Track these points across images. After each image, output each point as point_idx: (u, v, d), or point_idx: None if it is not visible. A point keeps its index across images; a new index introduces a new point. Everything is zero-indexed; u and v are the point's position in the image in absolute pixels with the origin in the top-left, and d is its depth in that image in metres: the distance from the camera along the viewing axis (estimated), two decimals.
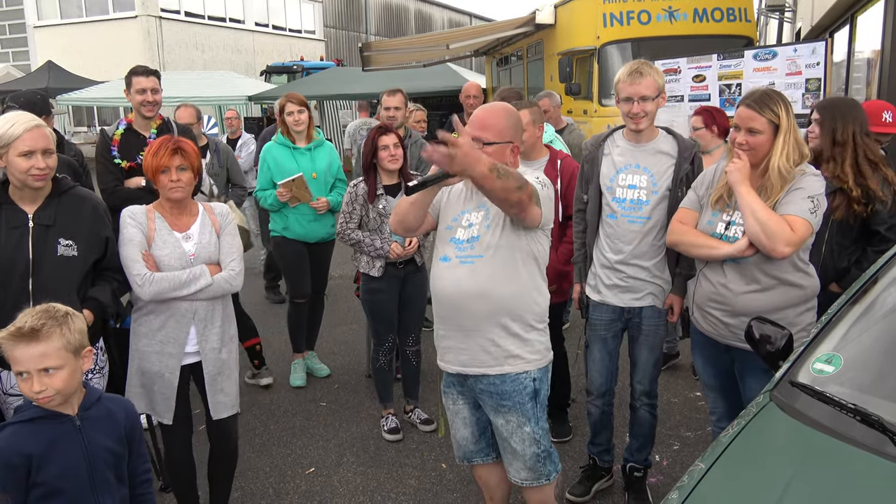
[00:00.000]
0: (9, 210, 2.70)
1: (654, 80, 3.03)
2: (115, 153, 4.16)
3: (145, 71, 4.21)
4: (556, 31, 11.20)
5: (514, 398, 2.59)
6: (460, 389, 2.75)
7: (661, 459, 3.86)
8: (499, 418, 2.64)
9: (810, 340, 2.22)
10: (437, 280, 2.63)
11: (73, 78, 20.93)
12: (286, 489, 3.67)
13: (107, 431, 2.14)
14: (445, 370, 2.73)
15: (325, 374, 5.11)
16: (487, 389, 2.62)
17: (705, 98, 7.23)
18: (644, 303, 3.20)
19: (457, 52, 15.58)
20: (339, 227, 4.08)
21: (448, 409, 2.83)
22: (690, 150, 3.13)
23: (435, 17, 41.18)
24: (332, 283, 7.63)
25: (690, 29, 9.75)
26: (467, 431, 2.81)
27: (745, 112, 2.64)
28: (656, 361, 3.31)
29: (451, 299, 2.58)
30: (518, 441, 2.63)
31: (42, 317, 1.99)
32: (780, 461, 1.86)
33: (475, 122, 2.55)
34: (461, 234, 2.59)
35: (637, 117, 3.05)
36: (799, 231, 2.54)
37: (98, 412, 2.14)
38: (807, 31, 12.88)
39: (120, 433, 2.18)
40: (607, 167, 3.21)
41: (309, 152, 4.74)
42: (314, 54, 29.16)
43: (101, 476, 2.11)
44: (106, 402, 2.21)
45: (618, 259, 3.17)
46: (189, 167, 2.90)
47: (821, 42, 6.59)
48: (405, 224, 2.68)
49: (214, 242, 3.01)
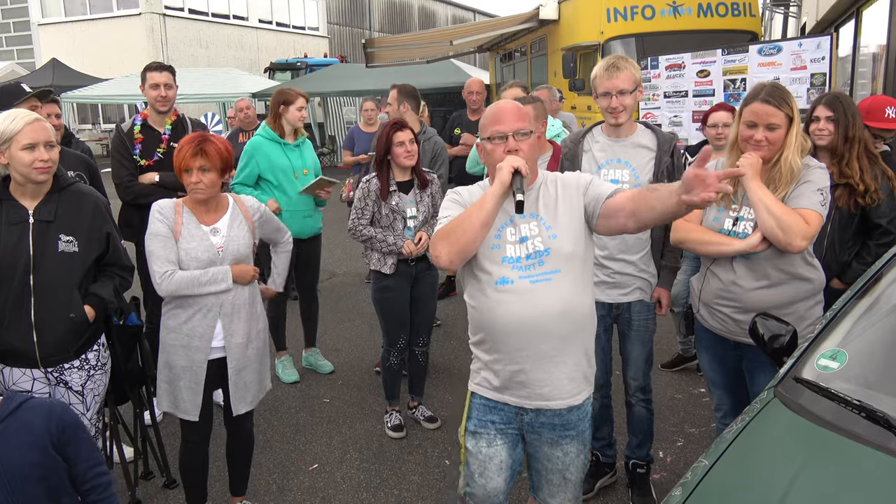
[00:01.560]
0: (9, 206, 2.70)
1: (631, 74, 3.03)
2: (137, 152, 4.18)
3: (159, 66, 4.26)
4: (560, 26, 11.17)
5: (578, 426, 2.35)
6: (502, 428, 2.35)
7: (665, 456, 3.84)
8: (556, 451, 2.36)
9: (815, 336, 2.21)
10: (500, 307, 2.22)
11: (77, 75, 21.01)
12: (289, 485, 3.67)
13: (22, 444, 1.95)
14: (518, 405, 2.32)
15: (329, 370, 5.11)
16: (550, 422, 2.32)
17: (710, 93, 7.20)
18: (632, 297, 3.21)
19: (460, 48, 15.57)
20: (350, 223, 4.03)
21: (478, 454, 2.36)
22: (670, 143, 3.14)
23: (438, 13, 41.12)
24: (336, 279, 7.65)
25: (695, 24, 9.73)
26: (501, 479, 2.36)
27: (764, 108, 2.59)
28: (648, 356, 3.31)
29: (528, 325, 2.20)
30: (574, 471, 2.40)
31: None
32: (784, 458, 1.84)
33: (506, 118, 2.25)
34: (513, 250, 2.25)
35: (616, 111, 3.05)
36: (813, 224, 2.53)
37: (9, 425, 1.96)
38: (812, 25, 12.82)
39: (43, 443, 1.98)
40: (588, 163, 3.20)
41: (297, 148, 4.74)
42: (318, 51, 29.16)
43: (21, 495, 1.92)
44: (24, 412, 2.01)
45: (603, 255, 3.17)
46: (212, 168, 2.86)
47: (826, 36, 6.55)
48: (468, 253, 2.19)
49: (244, 236, 3.00)
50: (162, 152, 4.19)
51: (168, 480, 3.63)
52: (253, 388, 3.11)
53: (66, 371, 2.79)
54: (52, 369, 2.76)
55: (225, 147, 2.92)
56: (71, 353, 2.79)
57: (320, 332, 5.40)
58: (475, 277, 2.30)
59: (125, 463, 3.46)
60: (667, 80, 7.65)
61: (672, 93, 7.60)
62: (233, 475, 3.36)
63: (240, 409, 3.08)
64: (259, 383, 3.14)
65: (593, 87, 3.13)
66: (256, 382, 3.12)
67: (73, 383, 2.81)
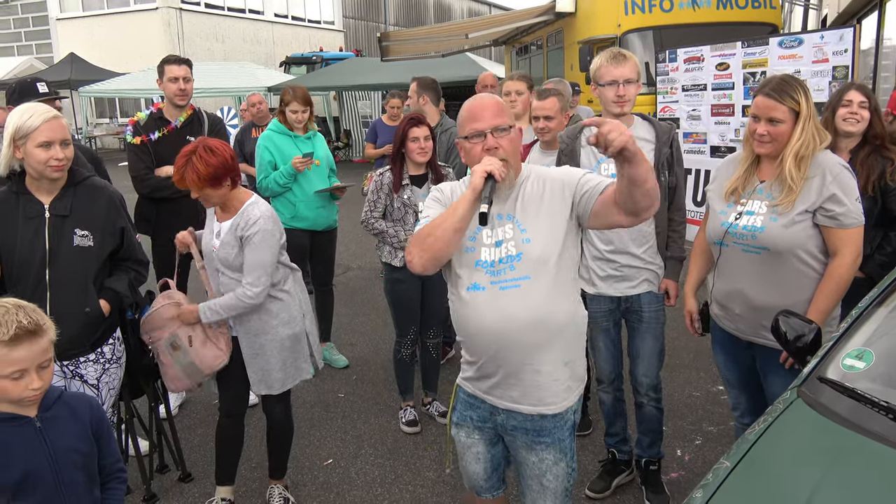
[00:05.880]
0: (26, 201, 2.70)
1: (635, 65, 3.03)
2: (129, 131, 4.24)
3: (177, 60, 4.30)
4: (577, 19, 11.08)
5: (555, 434, 2.25)
6: (479, 424, 2.35)
7: (683, 454, 3.80)
8: (531, 456, 2.29)
9: (840, 335, 2.16)
10: (469, 311, 2.16)
11: (94, 70, 21.17)
12: (304, 480, 3.66)
13: (71, 431, 2.01)
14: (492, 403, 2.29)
15: (344, 364, 5.10)
16: (523, 426, 2.26)
17: (729, 87, 7.09)
18: (640, 290, 3.18)
19: (476, 41, 15.50)
20: (363, 216, 4.04)
21: (459, 442, 2.43)
22: (668, 134, 3.11)
23: (454, 6, 40.98)
24: (350, 273, 7.64)
25: (714, 16, 9.61)
26: (479, 467, 2.42)
27: (765, 101, 2.55)
28: (660, 351, 3.26)
29: (495, 333, 2.13)
30: (552, 478, 2.30)
31: (31, 313, 1.89)
32: (808, 459, 1.80)
33: (483, 115, 2.16)
34: (487, 254, 2.16)
35: (622, 100, 3.01)
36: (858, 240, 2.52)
37: (59, 412, 2.00)
38: (833, 17, 12.62)
39: (86, 431, 2.05)
40: (587, 158, 3.16)
41: (309, 140, 4.82)
42: (333, 45, 29.17)
43: (68, 479, 1.98)
44: (67, 399, 2.07)
45: (608, 249, 3.14)
46: (199, 188, 2.90)
47: (849, 28, 6.43)
48: (443, 259, 2.13)
49: (233, 245, 3.01)
50: (161, 135, 4.21)
51: (183, 474, 3.64)
52: (275, 374, 3.17)
53: (81, 364, 2.80)
54: (68, 363, 2.77)
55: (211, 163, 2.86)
56: (87, 347, 2.80)
57: (335, 327, 5.39)
58: (451, 278, 2.25)
59: (140, 456, 3.46)
60: (685, 73, 7.54)
61: (690, 86, 7.50)
62: (269, 459, 3.44)
63: (259, 389, 3.19)
64: (282, 371, 3.18)
65: (595, 79, 3.09)
66: (279, 370, 3.17)
67: (89, 377, 2.82)
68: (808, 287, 2.57)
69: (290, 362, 3.20)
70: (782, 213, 2.53)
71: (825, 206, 2.48)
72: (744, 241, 2.62)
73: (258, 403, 4.24)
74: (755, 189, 2.64)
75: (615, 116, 3.08)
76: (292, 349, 3.20)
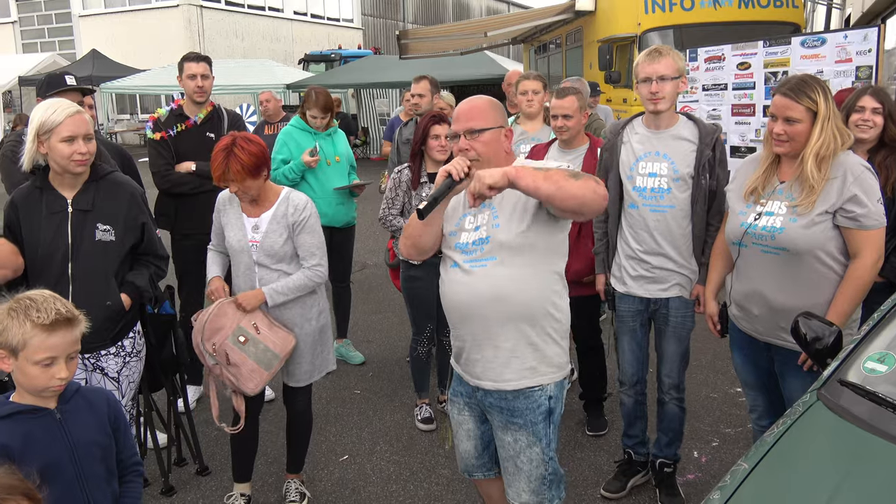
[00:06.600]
0: (49, 195, 2.74)
1: (673, 62, 2.99)
2: (149, 127, 4.27)
3: (196, 57, 4.33)
4: (596, 17, 11.02)
5: (527, 416, 2.36)
6: (467, 400, 2.52)
7: (700, 456, 3.78)
8: (507, 436, 2.41)
9: (861, 338, 2.13)
10: (446, 287, 2.42)
11: (116, 66, 21.36)
12: (319, 476, 3.68)
13: (90, 424, 2.02)
14: (460, 374, 2.51)
15: (360, 361, 5.12)
16: (497, 404, 2.40)
17: (750, 86, 7.03)
18: (671, 294, 3.14)
19: (494, 39, 15.47)
20: (381, 213, 4.07)
21: (452, 419, 2.61)
22: (712, 136, 3.05)
23: (473, 4, 40.92)
24: (367, 271, 7.66)
25: (735, 15, 9.52)
26: (470, 444, 2.58)
27: (782, 101, 2.52)
28: (684, 353, 3.24)
29: (463, 306, 2.36)
30: (525, 461, 2.40)
31: (65, 303, 1.94)
32: (827, 462, 1.79)
33: (461, 117, 2.34)
34: (465, 237, 2.38)
35: (655, 97, 2.98)
36: (879, 242, 2.49)
37: (78, 404, 2.02)
38: (857, 17, 12.46)
39: (104, 425, 2.06)
40: (626, 155, 3.15)
41: (329, 137, 4.85)
42: (352, 43, 29.23)
43: (89, 471, 1.99)
44: (85, 393, 2.08)
45: (642, 249, 3.11)
46: (242, 179, 2.88)
47: (873, 28, 6.34)
48: (420, 247, 2.45)
49: (280, 233, 3.03)
50: (179, 130, 4.24)
51: (200, 467, 3.67)
52: (305, 367, 3.21)
53: (102, 357, 2.83)
54: (90, 355, 2.80)
55: (252, 152, 2.90)
56: (107, 340, 2.83)
57: (351, 324, 5.42)
58: (441, 259, 2.49)
59: (159, 449, 3.50)
60: (706, 72, 7.48)
61: (711, 86, 7.44)
62: (287, 452, 3.46)
63: (290, 380, 3.25)
64: (311, 363, 3.23)
65: (635, 75, 3.08)
66: (309, 362, 3.22)
67: (109, 370, 2.85)
68: (828, 289, 2.54)
69: (318, 354, 3.25)
70: (802, 213, 2.50)
71: (846, 207, 2.45)
72: (763, 242, 2.59)
73: (274, 399, 4.29)
74: (775, 189, 2.61)
75: (651, 114, 3.08)
76: (321, 341, 3.24)
